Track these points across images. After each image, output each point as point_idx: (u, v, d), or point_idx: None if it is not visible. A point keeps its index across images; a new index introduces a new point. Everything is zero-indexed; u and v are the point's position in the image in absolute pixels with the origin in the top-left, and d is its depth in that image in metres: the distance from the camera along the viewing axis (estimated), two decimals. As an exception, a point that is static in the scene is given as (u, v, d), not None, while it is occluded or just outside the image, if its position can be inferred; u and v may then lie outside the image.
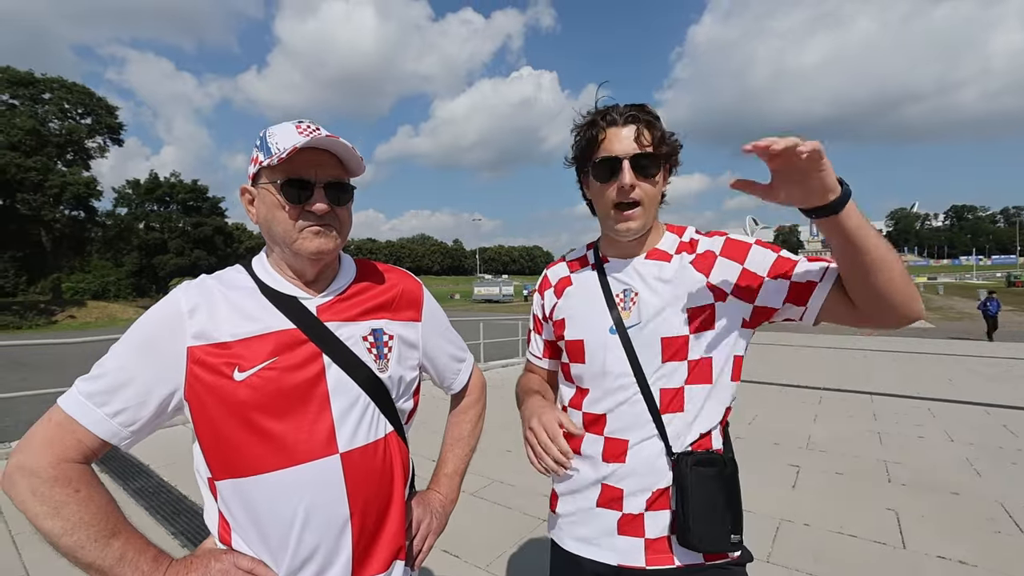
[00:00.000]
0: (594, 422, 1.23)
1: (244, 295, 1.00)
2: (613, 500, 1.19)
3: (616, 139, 1.17)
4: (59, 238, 40.55)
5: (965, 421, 6.02)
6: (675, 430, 1.16)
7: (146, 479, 4.32)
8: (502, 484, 4.23)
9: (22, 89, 39.26)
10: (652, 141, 1.17)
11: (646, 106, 1.20)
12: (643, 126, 1.17)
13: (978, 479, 4.25)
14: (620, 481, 1.18)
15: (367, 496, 0.99)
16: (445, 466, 1.30)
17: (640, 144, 1.16)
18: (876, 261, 0.97)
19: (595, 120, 1.20)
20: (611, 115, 1.19)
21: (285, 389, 0.93)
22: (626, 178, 1.15)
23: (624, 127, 1.17)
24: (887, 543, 3.21)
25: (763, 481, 4.18)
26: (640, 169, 1.16)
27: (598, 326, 1.24)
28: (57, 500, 0.83)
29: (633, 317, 1.21)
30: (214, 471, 0.95)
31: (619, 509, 1.18)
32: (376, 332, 1.07)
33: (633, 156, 1.15)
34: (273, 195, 0.97)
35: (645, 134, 1.16)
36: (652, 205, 1.20)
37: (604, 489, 1.20)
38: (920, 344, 13.53)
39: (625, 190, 1.16)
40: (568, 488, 1.28)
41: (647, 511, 1.16)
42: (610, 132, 1.18)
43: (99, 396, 0.88)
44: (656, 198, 1.21)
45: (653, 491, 1.16)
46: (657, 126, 1.18)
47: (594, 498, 1.22)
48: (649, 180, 1.17)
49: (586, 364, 1.25)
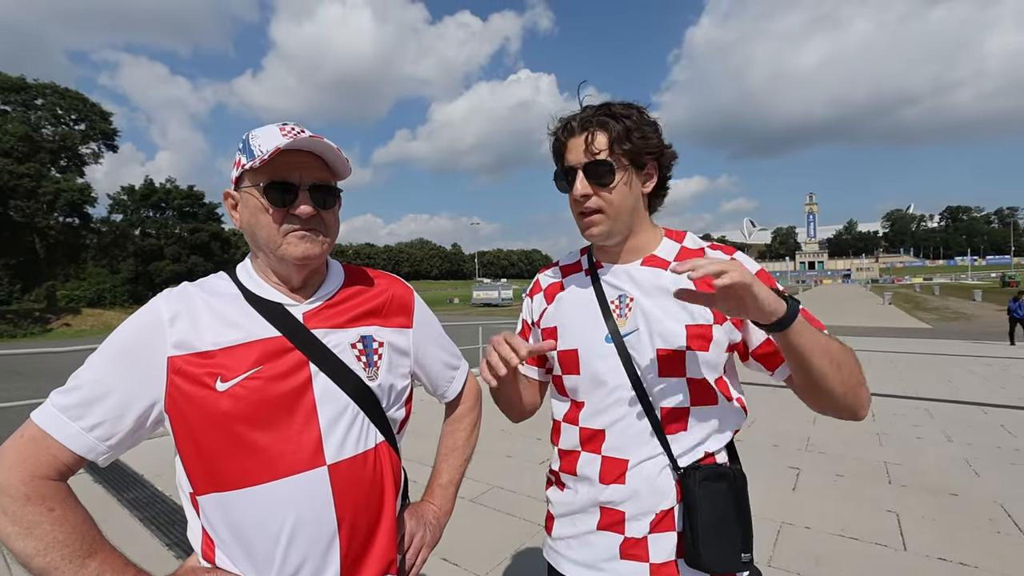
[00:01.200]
0: (591, 438, 1.16)
1: (227, 302, 0.96)
2: (614, 524, 1.12)
3: (573, 148, 1.14)
4: (53, 245, 40.38)
5: (963, 421, 6.03)
6: (679, 449, 1.10)
7: (140, 489, 4.27)
8: (501, 490, 4.19)
9: (13, 95, 39.15)
10: (607, 145, 1.11)
11: (610, 105, 1.14)
12: (596, 130, 1.11)
13: (977, 479, 4.24)
14: (620, 504, 1.11)
15: (356, 509, 0.96)
16: (439, 477, 1.26)
17: (589, 152, 1.11)
18: (819, 383, 1.02)
19: (557, 131, 1.18)
20: (571, 124, 1.15)
21: (270, 399, 0.90)
22: (577, 188, 1.12)
23: (580, 135, 1.13)
24: (888, 545, 3.19)
25: (763, 484, 4.14)
26: (593, 177, 1.11)
27: (592, 335, 1.17)
28: (29, 520, 0.79)
29: (629, 324, 1.14)
30: (196, 485, 0.91)
31: (621, 532, 1.11)
32: (365, 339, 1.04)
33: (584, 165, 1.12)
34: (256, 199, 0.94)
35: (597, 139, 1.11)
36: (616, 210, 1.14)
37: (604, 512, 1.14)
38: (916, 344, 13.55)
39: (579, 200, 1.13)
40: (565, 510, 1.21)
41: (651, 534, 1.09)
42: (569, 142, 1.15)
43: (74, 409, 0.85)
44: (622, 203, 1.14)
45: (656, 513, 1.09)
46: (612, 127, 1.11)
47: (593, 522, 1.15)
48: (605, 188, 1.12)
49: (580, 375, 1.18)
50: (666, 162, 1.19)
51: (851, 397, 1.03)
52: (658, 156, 1.16)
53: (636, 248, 1.21)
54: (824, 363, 0.99)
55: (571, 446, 1.20)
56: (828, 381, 1.00)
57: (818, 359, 0.98)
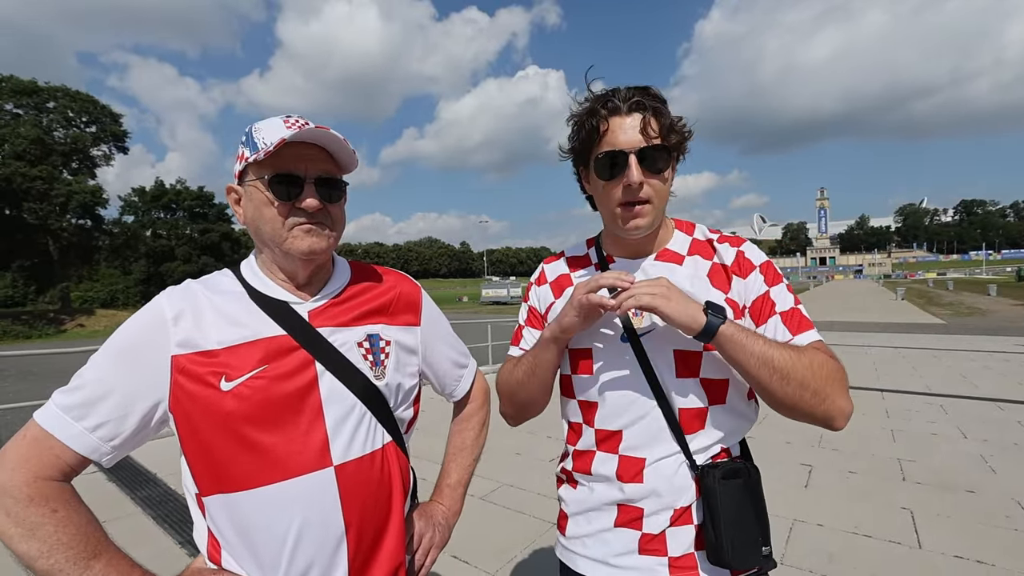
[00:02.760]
0: (608, 438, 1.13)
1: (231, 300, 0.95)
2: (632, 520, 1.10)
3: (620, 130, 1.04)
4: (66, 247, 40.76)
5: (978, 417, 5.93)
6: (696, 447, 1.08)
7: (153, 487, 4.31)
8: (511, 487, 4.18)
9: (26, 98, 39.48)
10: (660, 131, 1.04)
11: (651, 89, 1.08)
12: (650, 114, 1.04)
13: (993, 476, 4.17)
14: (639, 501, 1.09)
15: (364, 510, 0.95)
16: (448, 477, 1.25)
17: (647, 136, 1.03)
18: (762, 392, 1.02)
19: (595, 108, 1.07)
20: (613, 102, 1.05)
21: (275, 399, 0.89)
22: (634, 175, 1.03)
23: (628, 116, 1.05)
24: (903, 543, 3.14)
25: (775, 481, 4.10)
26: (648, 163, 1.04)
27: (607, 333, 1.13)
28: (33, 521, 0.79)
29: (645, 321, 1.10)
30: (201, 486, 0.91)
31: (639, 528, 1.09)
32: (372, 338, 1.03)
33: (640, 150, 1.03)
34: (261, 192, 0.92)
35: (652, 123, 1.03)
36: (662, 201, 1.09)
37: (621, 510, 1.11)
38: (930, 340, 13.39)
39: (633, 188, 1.04)
40: (580, 508, 1.18)
41: (669, 528, 1.07)
42: (613, 122, 1.05)
43: (77, 409, 0.84)
44: (666, 194, 1.10)
45: (675, 509, 1.07)
46: (665, 112, 1.06)
47: (610, 519, 1.12)
48: (658, 176, 1.06)
49: (595, 375, 1.14)
50: (683, 152, 1.15)
51: (803, 408, 0.99)
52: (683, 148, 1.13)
53: (652, 241, 1.17)
54: (763, 374, 0.97)
55: (586, 446, 1.17)
56: (769, 390, 0.99)
57: (755, 370, 0.97)
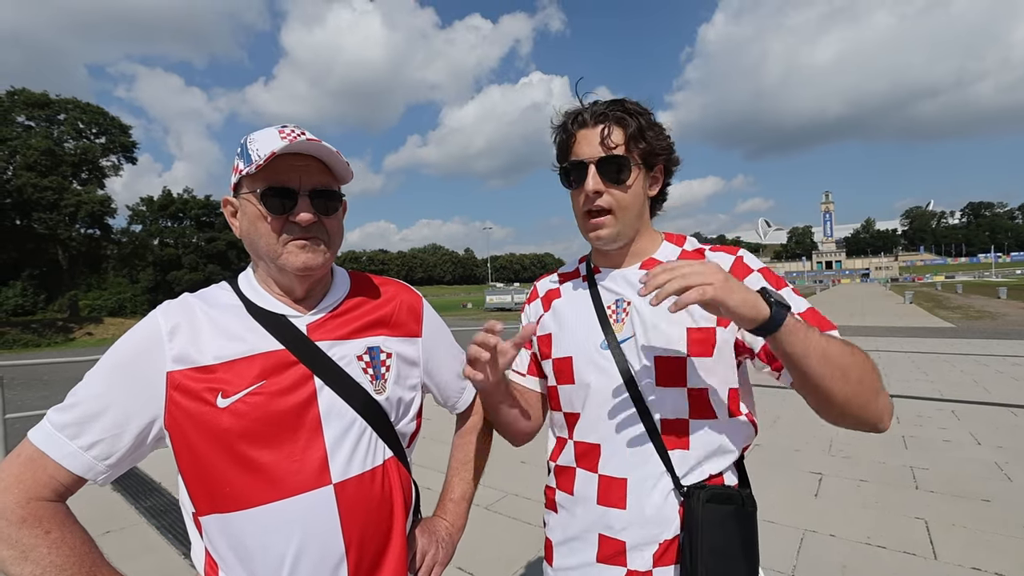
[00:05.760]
0: (586, 453, 1.11)
1: (228, 314, 0.93)
2: (615, 555, 1.06)
3: (584, 141, 1.09)
4: (75, 256, 41.22)
5: (992, 423, 5.83)
6: (683, 468, 1.03)
7: (158, 497, 4.29)
8: (517, 497, 4.14)
9: (38, 110, 40.19)
10: (623, 140, 1.07)
11: (624, 102, 1.10)
12: (612, 124, 1.07)
13: (1009, 484, 4.08)
14: (620, 532, 1.05)
15: (364, 529, 0.92)
16: (451, 491, 1.22)
17: (606, 146, 1.06)
18: (816, 389, 0.92)
19: (565, 122, 1.12)
20: (582, 116, 1.10)
21: (273, 415, 0.87)
22: (589, 184, 1.07)
23: (593, 128, 1.08)
24: (917, 554, 3.07)
25: (785, 490, 4.04)
26: (607, 173, 1.06)
27: (588, 341, 1.12)
28: (26, 543, 0.77)
29: (626, 330, 1.09)
30: (198, 506, 0.88)
31: (623, 565, 1.05)
32: (372, 350, 1.01)
33: (599, 160, 1.06)
34: (254, 206, 0.91)
35: (614, 134, 1.07)
36: (626, 212, 1.09)
37: (603, 542, 1.07)
38: (940, 344, 13.24)
39: (590, 197, 1.08)
40: (562, 536, 1.15)
41: (655, 567, 1.03)
42: (579, 134, 1.11)
43: (72, 427, 0.82)
44: (633, 204, 1.10)
45: (660, 543, 1.03)
46: (629, 123, 1.07)
47: (593, 552, 1.08)
48: (619, 186, 1.07)
49: (575, 384, 1.13)
50: (671, 166, 1.16)
51: (857, 407, 0.93)
52: (667, 158, 1.14)
53: (637, 253, 1.17)
54: (822, 369, 0.89)
55: (567, 462, 1.15)
56: (827, 388, 0.91)
57: (816, 366, 0.89)
